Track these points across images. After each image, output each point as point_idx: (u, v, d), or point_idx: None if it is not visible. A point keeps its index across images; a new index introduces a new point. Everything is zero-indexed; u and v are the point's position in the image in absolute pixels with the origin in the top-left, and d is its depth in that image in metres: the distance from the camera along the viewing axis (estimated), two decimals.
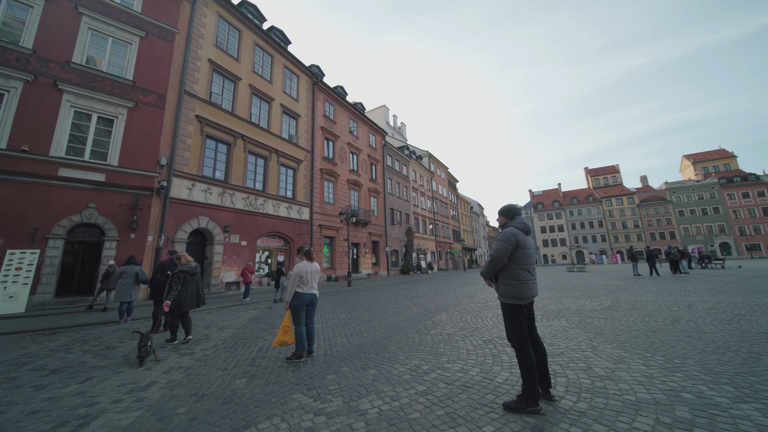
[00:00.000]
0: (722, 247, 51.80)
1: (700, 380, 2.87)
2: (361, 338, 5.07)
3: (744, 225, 50.98)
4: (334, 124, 21.80)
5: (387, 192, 27.75)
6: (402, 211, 30.25)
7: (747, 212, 51.18)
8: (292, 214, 16.83)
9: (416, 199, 34.21)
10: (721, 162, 60.02)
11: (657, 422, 2.22)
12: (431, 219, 37.39)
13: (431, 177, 39.91)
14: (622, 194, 61.32)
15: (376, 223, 25.27)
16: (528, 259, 2.72)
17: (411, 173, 33.97)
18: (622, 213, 60.39)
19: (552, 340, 4.42)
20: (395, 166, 30.54)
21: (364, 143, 25.30)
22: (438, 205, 40.64)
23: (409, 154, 34.97)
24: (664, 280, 12.70)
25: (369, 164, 25.62)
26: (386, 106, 45.12)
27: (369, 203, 24.60)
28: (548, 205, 68.34)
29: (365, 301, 9.94)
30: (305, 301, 4.14)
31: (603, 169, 71.43)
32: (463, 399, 2.74)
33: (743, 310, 5.84)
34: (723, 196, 52.85)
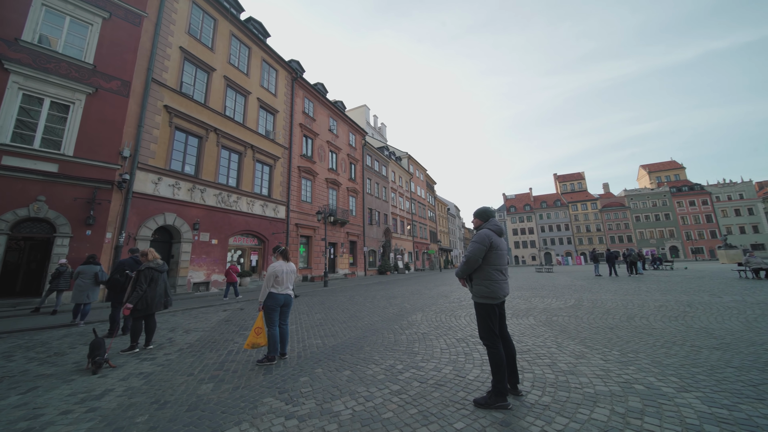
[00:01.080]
0: (672, 250, 56.69)
1: (650, 372, 3.12)
2: (336, 339, 5.02)
3: (690, 230, 56.14)
4: (313, 122, 21.44)
5: (366, 192, 27.70)
6: (380, 212, 30.32)
7: (693, 219, 56.42)
8: (268, 212, 16.34)
9: (395, 199, 34.43)
10: (672, 172, 65.70)
11: (612, 412, 2.39)
12: (409, 220, 37.78)
13: (410, 178, 40.34)
14: (587, 200, 65.37)
15: (354, 223, 25.14)
16: (500, 260, 2.82)
17: (390, 174, 34.14)
18: (586, 217, 64.37)
19: (521, 338, 4.61)
20: (375, 166, 30.55)
21: (343, 142, 25.09)
22: (416, 206, 41.15)
23: (389, 155, 35.13)
24: (622, 281, 13.68)
25: (348, 163, 25.44)
26: (367, 105, 45.03)
27: (347, 203, 24.43)
28: (520, 209, 71.38)
29: (341, 301, 9.85)
30: (279, 302, 4.03)
31: (570, 176, 75.70)
32: (436, 397, 2.79)
33: (688, 308, 6.42)
34: (673, 204, 57.90)
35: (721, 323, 5.03)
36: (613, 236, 61.12)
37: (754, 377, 2.91)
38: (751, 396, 2.55)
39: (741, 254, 25.22)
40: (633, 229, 59.84)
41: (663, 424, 2.20)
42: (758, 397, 2.52)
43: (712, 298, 7.67)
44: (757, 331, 4.48)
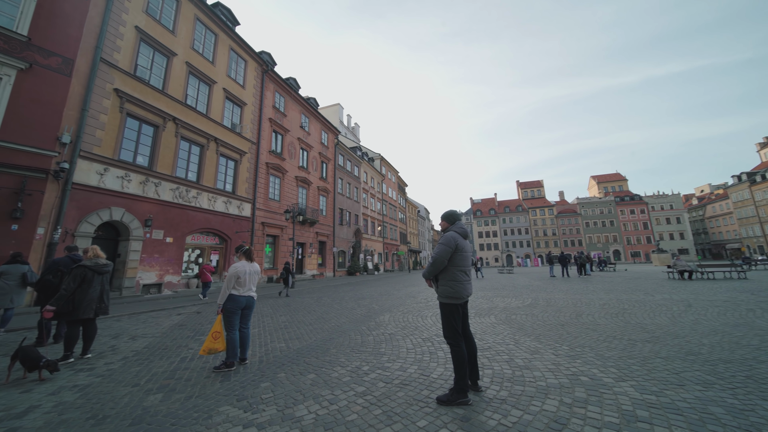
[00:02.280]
0: (614, 253, 62.74)
1: (594, 365, 3.42)
2: (301, 342, 4.88)
3: (630, 236, 62.60)
4: (284, 117, 20.75)
5: (337, 192, 27.36)
6: (351, 212, 30.11)
7: (633, 225, 62.97)
8: (231, 209, 15.50)
9: (366, 200, 34.38)
10: (617, 183, 72.76)
11: (561, 403, 2.58)
12: (380, 221, 37.94)
13: (382, 179, 40.55)
14: (545, 206, 70.23)
15: (324, 223, 24.71)
16: (465, 261, 2.93)
17: (362, 174, 34.05)
18: (544, 222, 69.14)
19: (482, 336, 4.82)
20: (347, 166, 30.29)
21: (315, 140, 24.58)
22: (387, 208, 41.44)
23: (362, 156, 35.04)
24: (573, 281, 14.86)
25: (320, 162, 24.96)
26: (341, 104, 44.54)
27: (318, 202, 23.95)
28: (486, 213, 74.82)
29: (308, 303, 9.62)
30: (241, 305, 3.84)
31: (531, 183, 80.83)
32: (401, 397, 2.82)
33: (626, 306, 7.14)
34: (617, 212, 64.18)
35: (652, 319, 5.66)
36: (566, 240, 66.24)
37: (677, 366, 3.30)
38: (674, 383, 2.89)
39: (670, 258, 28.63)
40: (583, 234, 65.36)
41: (603, 412, 2.42)
42: (680, 383, 2.86)
43: (645, 296, 8.61)
44: (680, 325, 5.10)
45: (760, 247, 50.56)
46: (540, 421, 2.32)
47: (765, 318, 5.41)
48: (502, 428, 2.25)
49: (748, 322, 5.12)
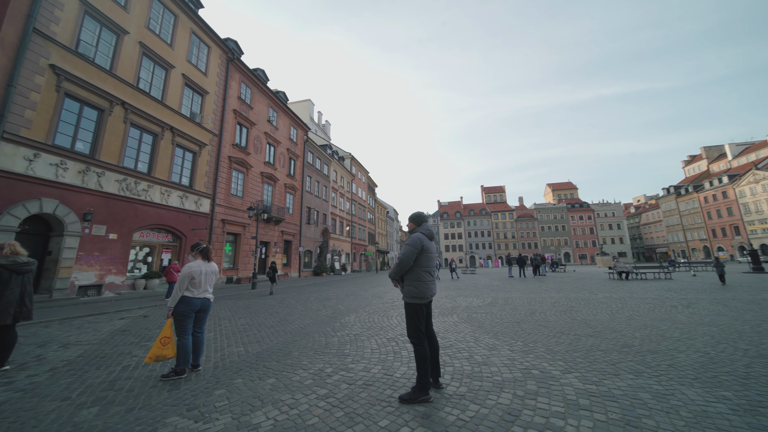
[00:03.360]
0: (565, 255, 68.29)
1: (544, 359, 3.68)
2: (261, 345, 4.68)
3: (579, 239, 68.55)
4: (250, 110, 19.78)
5: (305, 190, 26.65)
6: (319, 211, 29.51)
7: (581, 230, 69.01)
8: (188, 204, 14.43)
9: (335, 199, 33.91)
10: (569, 191, 79.24)
11: (515, 396, 2.74)
12: (348, 221, 37.63)
13: (352, 179, 40.26)
14: (506, 210, 74.45)
15: (291, 222, 23.94)
16: (430, 262, 3.00)
17: (332, 173, 33.53)
18: (505, 225, 73.27)
19: (445, 334, 4.98)
20: (316, 164, 29.64)
21: (283, 135, 23.74)
22: (356, 208, 41.22)
23: (332, 154, 34.50)
24: (528, 281, 15.90)
25: (288, 158, 24.15)
26: (311, 101, 43.50)
27: (284, 200, 23.14)
28: (452, 215, 77.47)
29: (271, 304, 9.25)
30: (195, 307, 3.58)
31: (494, 188, 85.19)
32: (363, 397, 2.81)
33: (573, 303, 7.79)
34: (568, 218, 69.94)
35: (594, 315, 6.23)
36: (524, 243, 70.76)
37: (614, 357, 3.67)
38: (611, 373, 3.21)
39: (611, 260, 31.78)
40: (539, 237, 70.31)
41: (551, 402, 2.61)
42: (615, 373, 3.18)
43: (590, 295, 9.47)
44: (618, 320, 5.68)
45: (683, 252, 58.05)
46: (495, 414, 2.44)
47: (684, 313, 6.20)
48: (460, 423, 2.33)
49: (671, 317, 5.85)
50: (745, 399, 2.56)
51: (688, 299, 8.03)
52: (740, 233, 47.08)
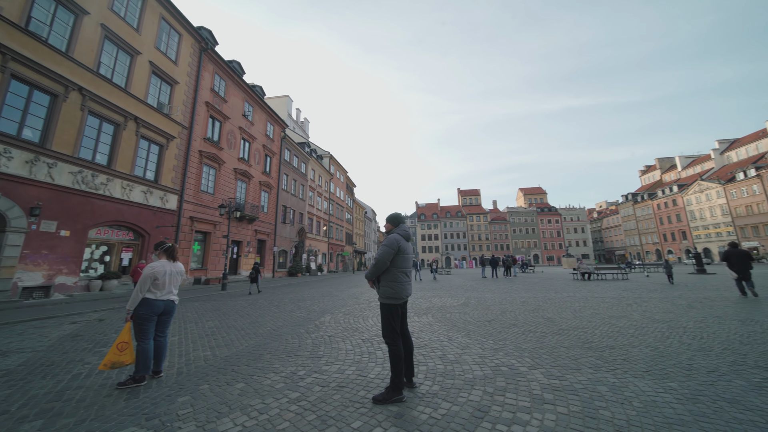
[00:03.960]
0: (534, 257, 71.67)
1: (513, 356, 3.83)
2: (230, 349, 4.49)
3: (547, 242, 72.23)
4: (224, 103, 18.96)
5: (281, 188, 25.96)
6: (296, 210, 28.86)
7: (549, 233, 72.76)
8: (153, 200, 13.57)
9: (312, 198, 33.32)
10: (539, 196, 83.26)
11: (484, 393, 2.83)
12: (326, 221, 37.12)
13: (330, 178, 39.76)
14: (480, 213, 76.88)
15: (265, 221, 23.22)
16: (406, 263, 3.03)
17: (310, 172, 32.92)
18: (479, 228, 75.64)
19: (419, 334, 5.04)
20: (293, 162, 28.96)
21: (259, 131, 22.98)
22: (334, 208, 40.76)
23: (310, 152, 33.88)
24: (500, 281, 16.51)
25: (263, 155, 23.40)
26: (290, 97, 42.50)
27: (259, 198, 22.39)
28: (429, 217, 78.77)
29: (242, 306, 8.91)
30: (157, 310, 3.37)
31: (470, 192, 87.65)
32: (337, 399, 2.78)
33: (541, 303, 8.19)
34: (537, 221, 73.49)
35: (559, 314, 6.59)
36: (497, 244, 73.43)
37: (576, 353, 3.89)
38: (573, 368, 3.40)
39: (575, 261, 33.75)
40: (511, 239, 73.28)
41: (518, 398, 2.72)
42: (577, 368, 3.38)
43: (556, 294, 10.00)
44: (580, 318, 6.04)
45: (638, 254, 62.87)
46: (465, 411, 2.50)
47: (638, 311, 6.72)
48: (432, 421, 2.37)
49: (626, 315, 6.31)
50: (687, 389, 2.81)
51: (641, 298, 8.71)
52: (687, 238, 51.80)
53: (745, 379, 2.99)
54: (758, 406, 2.47)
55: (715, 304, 7.40)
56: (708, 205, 48.00)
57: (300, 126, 48.82)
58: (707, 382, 2.93)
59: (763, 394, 2.66)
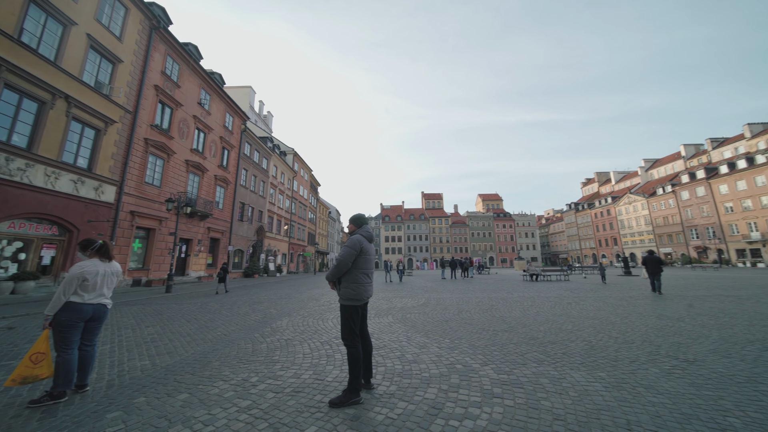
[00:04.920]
0: (490, 259, 76.12)
1: (467, 354, 4.02)
2: (173, 357, 4.11)
3: (501, 245, 77.16)
4: (176, 88, 17.40)
5: (240, 183, 24.49)
6: (255, 208, 27.42)
7: (503, 237, 77.82)
8: (85, 191, 11.98)
9: (274, 196, 31.91)
10: (495, 202, 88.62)
11: (439, 390, 2.92)
12: (287, 219, 35.79)
13: (294, 176, 38.44)
14: (442, 216, 79.76)
15: (220, 218, 21.72)
16: (368, 264, 3.03)
17: (272, 168, 31.50)
18: (441, 230, 78.42)
19: (379, 335, 5.07)
20: (254, 156, 27.50)
21: (217, 122, 21.46)
22: (297, 206, 39.45)
23: (273, 148, 32.43)
24: (458, 282, 17.25)
25: (221, 148, 21.89)
26: (252, 88, 40.38)
27: (214, 193, 20.89)
28: (393, 219, 79.79)
29: (189, 310, 8.22)
30: (85, 315, 2.96)
31: (433, 195, 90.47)
32: (291, 405, 2.68)
33: (494, 302, 8.71)
34: (494, 225, 78.22)
35: (510, 312, 7.06)
36: (456, 247, 76.70)
37: (523, 349, 4.20)
38: (520, 362, 3.66)
39: (525, 264, 36.46)
40: (469, 242, 77.04)
41: (470, 393, 2.85)
42: (523, 363, 3.64)
43: (507, 294, 10.70)
44: (527, 316, 6.53)
45: (578, 258, 69.77)
46: (421, 409, 2.56)
47: (576, 309, 7.44)
48: (388, 421, 2.39)
49: (566, 312, 6.95)
50: (613, 378, 3.18)
51: (579, 297, 9.67)
52: (618, 243, 58.69)
53: (658, 367, 3.45)
54: (667, 390, 2.86)
55: (637, 302, 8.48)
56: (635, 215, 54.90)
57: (263, 120, 46.62)
58: (629, 371, 3.33)
59: (671, 380, 3.09)
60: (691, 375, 3.19)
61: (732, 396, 2.71)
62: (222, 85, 23.58)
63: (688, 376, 3.17)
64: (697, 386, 2.92)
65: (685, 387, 2.90)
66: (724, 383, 2.98)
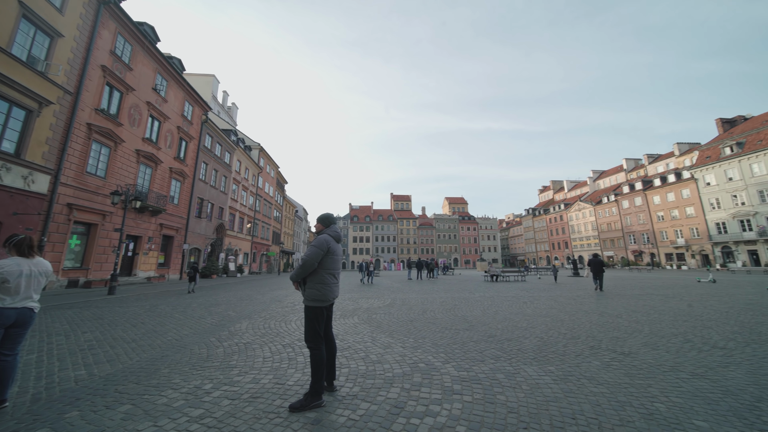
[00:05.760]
0: (454, 261, 78.92)
1: (430, 353, 4.12)
2: (115, 365, 3.73)
3: (466, 247, 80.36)
4: (128, 71, 15.84)
5: (199, 177, 22.90)
6: (215, 204, 25.81)
7: (468, 239, 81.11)
8: (10, 179, 10.45)
9: (237, 193, 30.28)
10: (461, 205, 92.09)
11: (402, 389, 2.96)
12: (251, 217, 34.15)
13: (259, 172, 36.79)
14: (410, 218, 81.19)
15: (175, 213, 20.14)
16: (335, 264, 2.99)
17: (235, 163, 29.86)
18: (408, 232, 79.76)
19: (344, 336, 5.02)
20: (216, 150, 25.88)
21: (174, 110, 19.89)
22: (261, 204, 37.80)
23: (237, 141, 30.77)
24: (424, 283, 17.66)
25: (178, 138, 20.31)
26: (216, 77, 38.09)
27: (168, 187, 19.32)
28: (362, 219, 79.61)
29: (135, 313, 7.52)
30: (6, 321, 2.59)
31: (402, 197, 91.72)
32: (248, 412, 2.55)
33: (457, 302, 9.03)
34: (459, 228, 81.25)
35: (471, 311, 7.37)
36: (423, 248, 78.47)
37: (482, 346, 4.40)
38: (479, 359, 3.83)
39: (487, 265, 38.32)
40: (436, 244, 79.24)
41: (432, 391, 2.93)
42: (482, 360, 3.82)
43: (469, 294, 11.16)
44: (488, 315, 6.86)
45: (534, 259, 74.79)
46: (383, 409, 2.58)
47: (531, 307, 7.96)
48: (350, 423, 2.37)
49: (522, 311, 7.41)
50: (561, 371, 3.44)
51: (533, 296, 10.37)
52: (568, 247, 63.85)
53: (599, 359, 3.81)
54: (606, 380, 3.17)
55: (583, 300, 9.28)
56: (583, 221, 60.14)
57: (227, 111, 44.17)
58: (575, 365, 3.64)
59: (610, 371, 3.43)
60: (626, 366, 3.57)
61: (658, 384, 3.07)
62: (181, 71, 21.95)
63: (623, 367, 3.54)
64: (630, 376, 3.26)
65: (621, 377, 3.23)
66: (652, 372, 3.36)
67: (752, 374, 3.27)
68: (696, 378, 3.19)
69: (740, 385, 2.99)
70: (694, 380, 3.13)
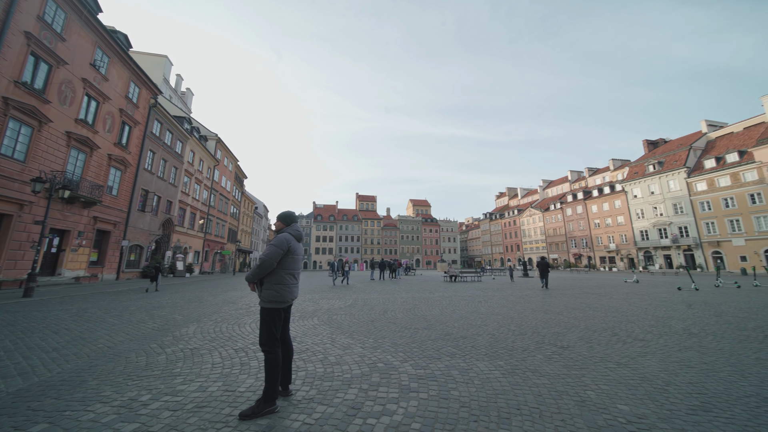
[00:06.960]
0: (416, 261, 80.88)
1: (389, 352, 4.16)
2: (28, 379, 3.23)
3: (427, 248, 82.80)
4: (60, 41, 13.82)
5: (144, 167, 20.72)
6: (163, 197, 23.56)
7: (430, 241, 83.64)
8: None
9: (189, 186, 27.93)
10: (424, 208, 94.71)
11: (360, 390, 2.95)
12: (204, 213, 31.74)
13: (215, 165, 34.34)
14: (375, 218, 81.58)
15: (113, 206, 18.01)
16: (295, 264, 2.88)
17: (188, 153, 27.52)
18: (373, 232, 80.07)
19: (302, 338, 4.87)
20: (166, 138, 23.63)
21: (117, 91, 17.77)
22: (217, 199, 35.32)
23: (191, 130, 28.40)
24: (386, 283, 17.83)
25: (119, 122, 18.17)
26: (169, 58, 34.84)
27: (106, 176, 17.20)
28: (326, 218, 78.17)
29: (58, 318, 6.59)
30: None
31: (367, 197, 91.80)
32: (192, 423, 2.36)
33: (417, 302, 9.26)
34: (422, 229, 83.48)
35: (430, 311, 7.60)
36: (387, 249, 79.31)
37: (439, 344, 4.55)
38: (435, 357, 3.96)
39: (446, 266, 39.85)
40: (399, 245, 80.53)
41: (389, 390, 2.96)
42: (438, 357, 3.95)
43: (429, 294, 11.50)
44: (446, 314, 7.12)
45: (489, 261, 79.37)
46: (340, 411, 2.55)
47: (485, 306, 8.43)
48: (305, 428, 2.30)
49: (477, 310, 7.82)
50: (509, 365, 3.69)
51: (487, 296, 10.99)
52: (520, 249, 68.84)
53: (542, 353, 4.14)
54: (548, 372, 3.45)
55: (531, 299, 10.05)
56: (533, 226, 65.26)
57: (180, 97, 40.66)
58: (521, 359, 3.92)
59: (551, 363, 3.74)
60: (565, 359, 3.93)
61: (590, 374, 3.42)
62: (127, 48, 19.76)
63: (562, 359, 3.89)
64: (568, 367, 3.60)
65: (560, 369, 3.55)
66: (585, 363, 3.74)
67: (663, 362, 3.80)
68: (620, 367, 3.62)
69: (654, 372, 3.45)
70: (618, 369, 3.55)
